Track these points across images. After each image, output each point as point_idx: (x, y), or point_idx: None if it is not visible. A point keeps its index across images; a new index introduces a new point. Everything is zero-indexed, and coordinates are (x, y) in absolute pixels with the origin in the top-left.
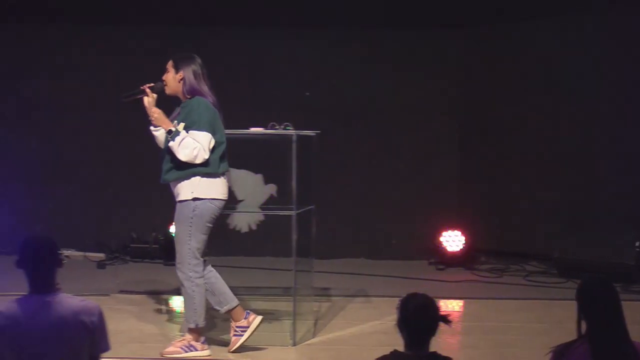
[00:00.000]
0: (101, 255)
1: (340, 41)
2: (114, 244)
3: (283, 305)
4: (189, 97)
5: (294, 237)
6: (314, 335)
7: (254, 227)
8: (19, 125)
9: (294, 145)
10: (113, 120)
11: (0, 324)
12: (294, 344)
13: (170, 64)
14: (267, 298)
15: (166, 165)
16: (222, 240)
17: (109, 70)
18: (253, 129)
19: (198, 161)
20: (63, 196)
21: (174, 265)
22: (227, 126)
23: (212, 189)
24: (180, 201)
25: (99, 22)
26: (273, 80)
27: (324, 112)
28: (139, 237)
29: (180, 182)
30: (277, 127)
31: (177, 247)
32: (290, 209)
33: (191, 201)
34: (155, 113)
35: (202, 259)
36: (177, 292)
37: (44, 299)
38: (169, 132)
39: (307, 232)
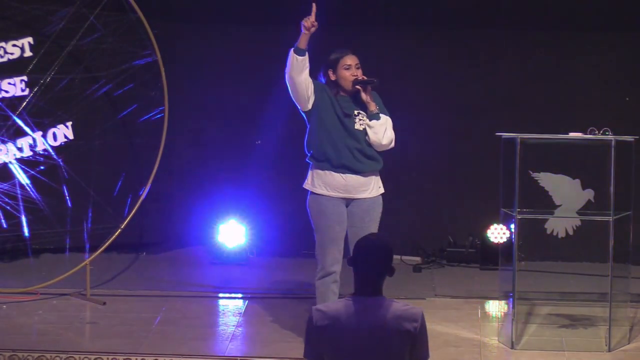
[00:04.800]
0: (417, 259)
1: None
2: (430, 248)
3: (599, 311)
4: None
5: (611, 242)
6: (629, 341)
7: (570, 232)
8: None
9: (612, 151)
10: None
11: (322, 323)
12: (609, 350)
13: (358, 61)
14: (582, 303)
15: (358, 153)
16: (539, 245)
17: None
18: (572, 134)
19: (392, 145)
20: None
21: (490, 269)
22: (549, 131)
23: None
24: (373, 197)
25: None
26: (592, 85)
27: None
28: (455, 241)
29: (370, 175)
30: (596, 132)
31: None
32: (608, 215)
33: (380, 197)
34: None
35: None
36: (493, 297)
37: (367, 302)
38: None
39: (625, 237)
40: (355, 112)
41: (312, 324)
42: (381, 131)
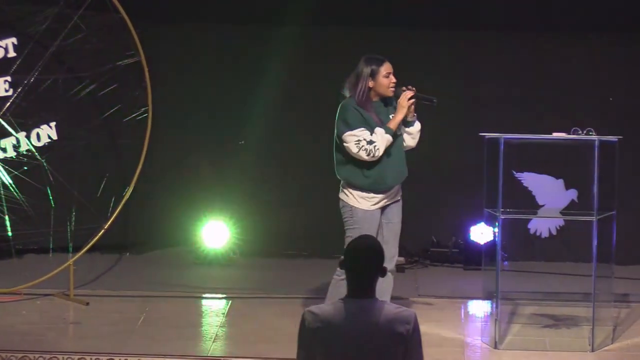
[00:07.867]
0: (401, 259)
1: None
2: (414, 248)
3: (582, 311)
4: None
5: (595, 242)
6: (612, 341)
7: (554, 232)
8: None
9: (596, 151)
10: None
11: (314, 326)
12: (593, 350)
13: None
14: (566, 303)
15: (401, 164)
16: (522, 245)
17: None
18: (555, 134)
19: None
20: None
21: (473, 269)
22: (532, 131)
23: None
24: (399, 200)
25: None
26: (575, 85)
27: (627, 116)
28: (439, 241)
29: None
30: (579, 132)
31: (396, 243)
32: (591, 215)
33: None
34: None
35: None
36: (477, 296)
37: (360, 304)
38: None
39: (608, 237)
40: (391, 116)
41: (304, 326)
42: (418, 136)
